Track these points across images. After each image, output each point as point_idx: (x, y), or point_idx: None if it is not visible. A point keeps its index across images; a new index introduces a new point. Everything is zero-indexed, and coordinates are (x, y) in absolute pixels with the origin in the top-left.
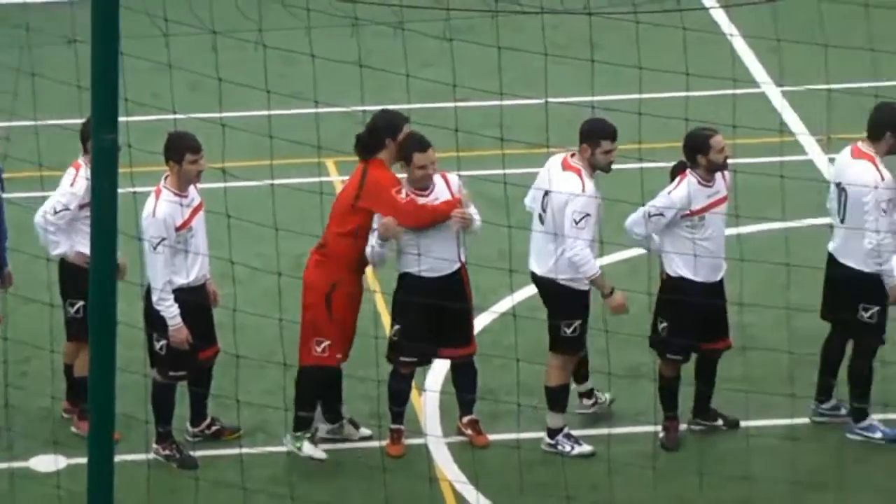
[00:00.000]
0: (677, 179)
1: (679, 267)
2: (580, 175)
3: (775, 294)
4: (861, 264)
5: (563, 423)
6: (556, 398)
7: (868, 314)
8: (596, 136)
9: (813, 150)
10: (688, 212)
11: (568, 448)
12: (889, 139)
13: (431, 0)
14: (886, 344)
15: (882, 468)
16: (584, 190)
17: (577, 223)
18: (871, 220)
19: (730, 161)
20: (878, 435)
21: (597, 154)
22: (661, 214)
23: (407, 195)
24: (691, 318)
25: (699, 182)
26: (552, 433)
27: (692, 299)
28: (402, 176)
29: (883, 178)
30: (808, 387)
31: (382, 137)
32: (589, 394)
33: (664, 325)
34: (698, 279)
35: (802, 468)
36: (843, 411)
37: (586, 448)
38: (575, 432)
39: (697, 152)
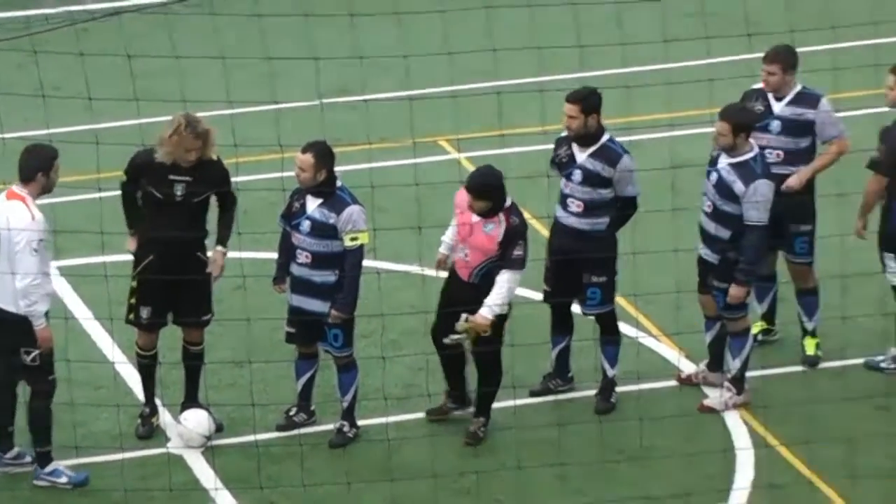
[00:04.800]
0: None
1: None
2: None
3: None
4: (12, 306)
5: None
6: None
7: (30, 357)
8: None
9: None
10: None
11: None
12: (41, 179)
13: None
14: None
15: None
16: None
17: None
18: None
19: None
20: (64, 479)
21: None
22: None
23: None
24: None
25: None
26: None
27: None
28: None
29: (34, 218)
30: None
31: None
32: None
33: None
34: None
35: None
36: (28, 458)
37: None
38: None
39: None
